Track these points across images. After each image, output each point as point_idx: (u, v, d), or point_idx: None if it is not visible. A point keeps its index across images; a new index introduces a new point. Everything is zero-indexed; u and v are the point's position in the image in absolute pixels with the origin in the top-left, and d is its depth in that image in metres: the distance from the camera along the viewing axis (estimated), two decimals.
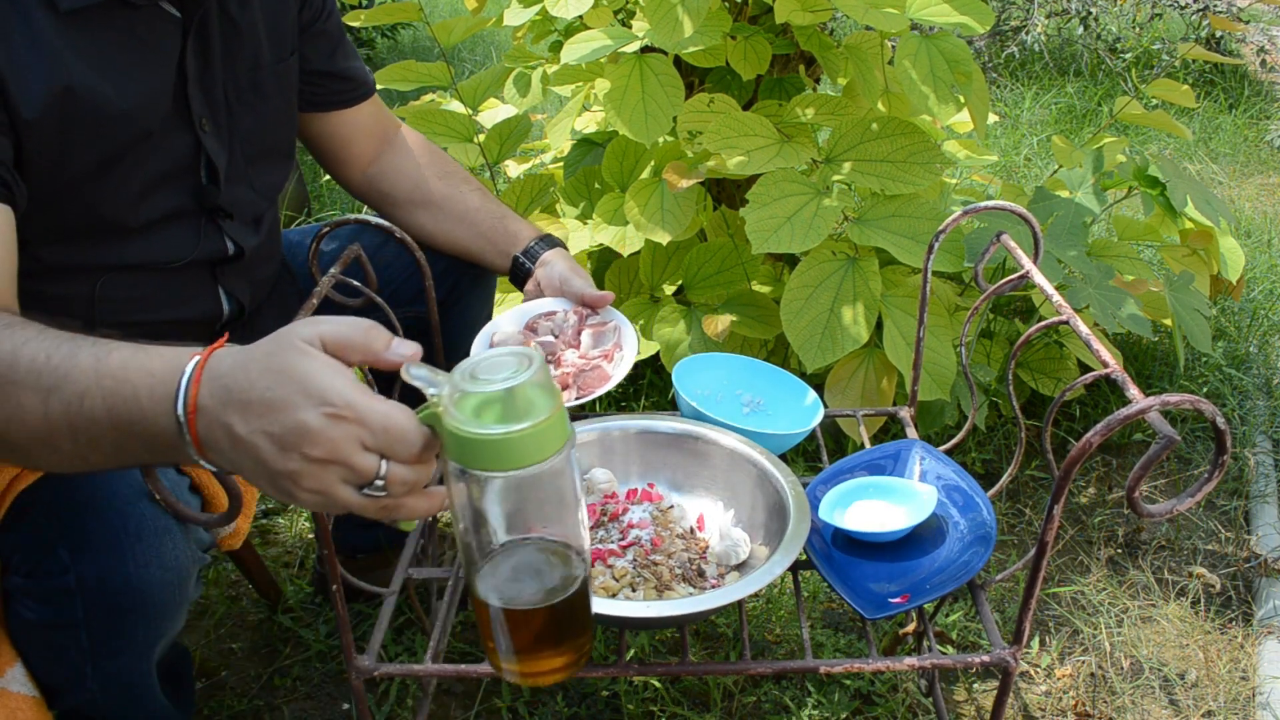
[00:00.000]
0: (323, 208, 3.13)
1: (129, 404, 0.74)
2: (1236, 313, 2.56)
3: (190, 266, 1.20)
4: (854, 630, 1.63)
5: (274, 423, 0.69)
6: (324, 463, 0.70)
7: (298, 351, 0.70)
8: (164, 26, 1.09)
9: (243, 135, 1.21)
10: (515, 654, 0.81)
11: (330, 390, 0.69)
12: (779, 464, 1.20)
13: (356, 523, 1.64)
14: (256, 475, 0.72)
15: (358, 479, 0.71)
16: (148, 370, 0.75)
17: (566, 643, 0.83)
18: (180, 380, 0.73)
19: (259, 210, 1.28)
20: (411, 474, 0.72)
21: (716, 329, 1.86)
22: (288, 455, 0.69)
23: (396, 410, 0.71)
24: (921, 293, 1.33)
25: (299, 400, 0.69)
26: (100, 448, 0.77)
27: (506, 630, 0.79)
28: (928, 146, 1.83)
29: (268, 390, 0.69)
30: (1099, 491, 2.00)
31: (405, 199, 1.41)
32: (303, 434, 0.69)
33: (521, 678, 0.83)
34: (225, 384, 0.71)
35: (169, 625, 1.00)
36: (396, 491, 0.72)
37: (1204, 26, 4.53)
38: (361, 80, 1.40)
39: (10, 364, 0.78)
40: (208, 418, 0.71)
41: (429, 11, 4.64)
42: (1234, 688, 1.56)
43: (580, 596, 0.81)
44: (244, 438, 0.70)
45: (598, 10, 1.94)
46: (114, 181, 1.08)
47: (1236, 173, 3.68)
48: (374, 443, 0.70)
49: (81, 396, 0.76)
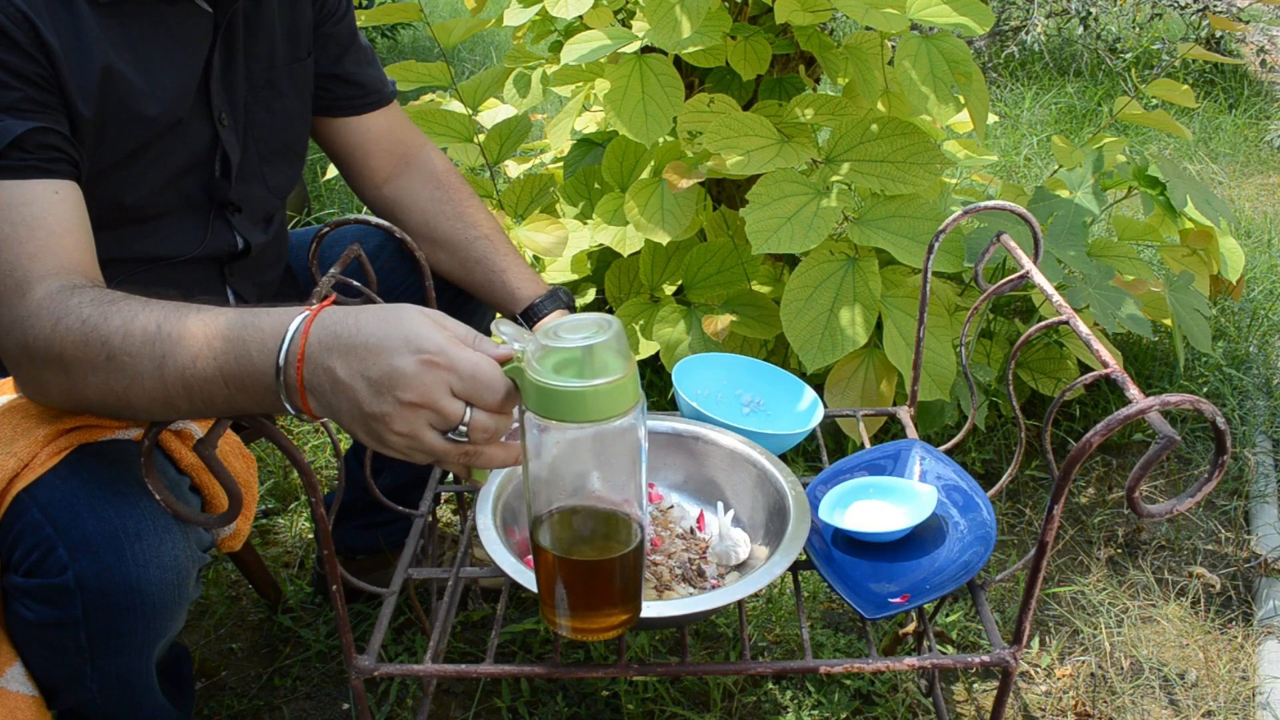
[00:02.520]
0: (322, 207, 3.13)
1: (240, 361, 0.82)
2: (1236, 313, 2.56)
3: (199, 263, 1.21)
4: (854, 630, 1.63)
5: (372, 366, 0.76)
6: (414, 406, 0.76)
7: (407, 309, 0.79)
8: (196, 20, 1.11)
9: (257, 132, 1.22)
10: (570, 608, 0.87)
11: (426, 339, 0.76)
12: (779, 464, 1.20)
13: (356, 524, 1.64)
14: (351, 418, 0.78)
15: (444, 423, 0.78)
16: (257, 327, 0.82)
17: (620, 602, 0.88)
18: (288, 331, 0.80)
19: (270, 208, 1.28)
20: (493, 422, 0.79)
21: (716, 329, 1.86)
22: (382, 398, 0.76)
23: (484, 360, 0.78)
24: (921, 293, 1.33)
25: (398, 345, 0.76)
26: (214, 403, 0.85)
27: (564, 583, 0.85)
28: (928, 147, 1.83)
29: (371, 336, 0.77)
30: (1099, 491, 2.00)
31: (414, 232, 1.38)
32: (397, 377, 0.76)
33: (574, 632, 0.89)
34: (334, 330, 0.79)
35: (168, 625, 1.00)
36: (478, 438, 0.79)
37: (1204, 26, 4.53)
38: (374, 89, 1.38)
39: (124, 336, 0.85)
40: (313, 363, 0.79)
41: (429, 11, 4.64)
42: (1234, 688, 1.56)
43: (636, 556, 0.86)
44: (344, 380, 0.77)
45: (598, 10, 1.94)
46: (140, 170, 1.09)
47: (1236, 173, 3.68)
48: (461, 389, 0.77)
49: (194, 359, 0.83)
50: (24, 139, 0.94)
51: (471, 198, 1.42)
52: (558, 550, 0.84)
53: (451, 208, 1.39)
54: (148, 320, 0.85)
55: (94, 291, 0.90)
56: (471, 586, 1.65)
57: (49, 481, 0.93)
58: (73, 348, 0.86)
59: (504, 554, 1.04)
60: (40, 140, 0.95)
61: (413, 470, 1.54)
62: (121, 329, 0.85)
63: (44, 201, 0.95)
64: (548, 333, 0.77)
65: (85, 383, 0.87)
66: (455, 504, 1.87)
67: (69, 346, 0.86)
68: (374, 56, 1.40)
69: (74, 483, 0.94)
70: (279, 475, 1.99)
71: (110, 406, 0.88)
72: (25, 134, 0.94)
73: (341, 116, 1.37)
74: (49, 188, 0.95)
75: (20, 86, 0.95)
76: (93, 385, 0.87)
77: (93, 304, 0.88)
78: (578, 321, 0.78)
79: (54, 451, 0.95)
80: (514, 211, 2.08)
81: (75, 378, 0.87)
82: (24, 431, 0.95)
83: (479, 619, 1.65)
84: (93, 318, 0.87)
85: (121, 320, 0.86)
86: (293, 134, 1.29)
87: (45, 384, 0.90)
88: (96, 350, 0.86)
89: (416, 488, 1.39)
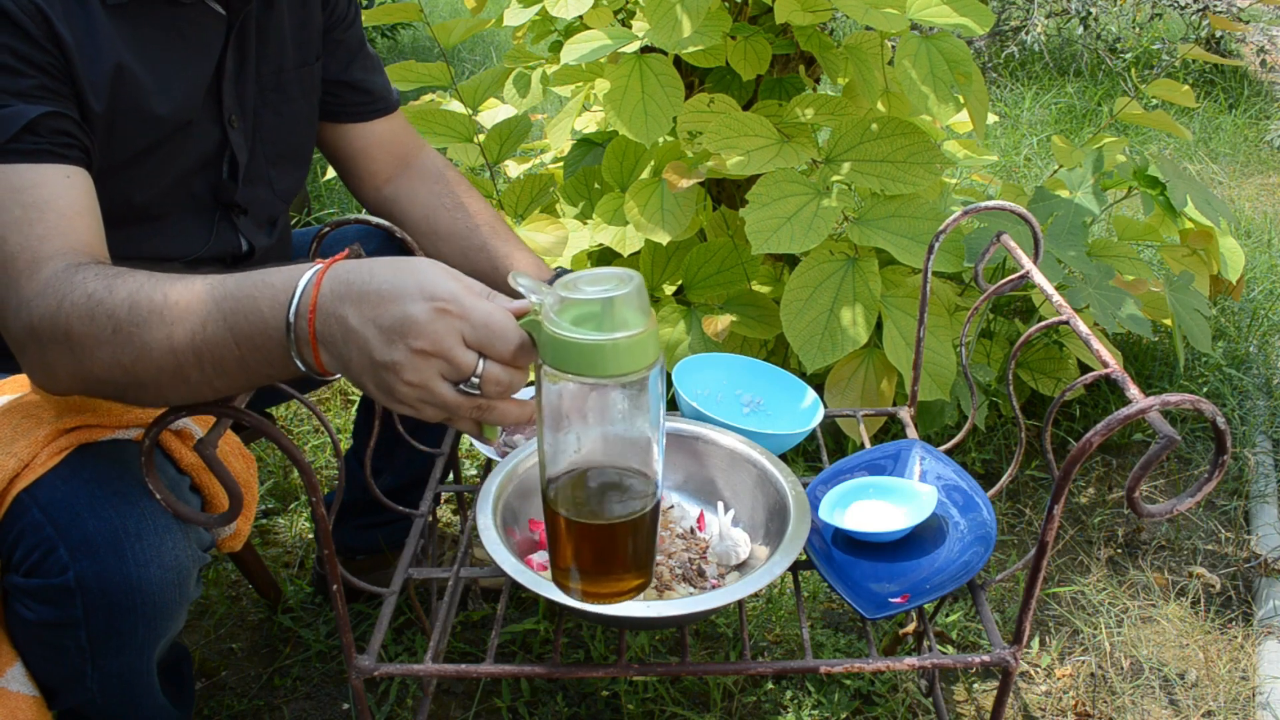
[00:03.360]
0: (322, 207, 3.13)
1: (250, 318, 0.80)
2: (1236, 313, 2.56)
3: (203, 264, 1.21)
4: (854, 630, 1.63)
5: (384, 314, 0.75)
6: (426, 355, 0.75)
7: (423, 260, 0.78)
8: (209, 22, 1.11)
9: (265, 135, 1.22)
10: (581, 571, 0.85)
11: (440, 286, 0.75)
12: (779, 464, 1.20)
13: (356, 524, 1.64)
14: (362, 368, 0.77)
15: (456, 374, 0.76)
16: (268, 283, 0.80)
17: (632, 567, 0.86)
18: (299, 282, 0.79)
19: (275, 211, 1.28)
20: (506, 375, 0.77)
21: (716, 329, 1.86)
22: (393, 346, 0.75)
23: (498, 309, 0.76)
24: (921, 293, 1.33)
25: (411, 292, 0.75)
26: (226, 369, 0.83)
27: (576, 545, 0.84)
28: (927, 147, 1.83)
29: (385, 282, 0.76)
30: (1099, 491, 2.00)
31: (414, 228, 1.39)
32: (409, 325, 0.74)
33: (586, 596, 0.86)
34: (347, 278, 0.77)
35: (169, 625, 1.00)
36: (491, 391, 0.77)
37: (1204, 26, 4.53)
38: (380, 96, 1.38)
39: (131, 308, 0.84)
40: (325, 313, 0.77)
41: (429, 11, 4.64)
42: (1234, 688, 1.56)
43: (650, 520, 0.84)
44: (355, 328, 0.76)
45: (598, 10, 1.94)
46: (149, 169, 1.09)
47: (1236, 173, 3.68)
48: (474, 338, 0.75)
49: (204, 323, 0.82)
50: (37, 123, 0.94)
51: (470, 190, 1.42)
52: (571, 513, 0.82)
53: (451, 199, 1.40)
54: (154, 290, 0.84)
55: (97, 267, 0.89)
56: (471, 586, 1.65)
57: (49, 482, 0.93)
58: (79, 323, 0.85)
59: (504, 554, 1.04)
60: (53, 125, 0.95)
61: (413, 470, 1.55)
62: (128, 300, 0.84)
63: (55, 185, 0.94)
64: (567, 284, 0.75)
65: (92, 358, 0.85)
66: (455, 504, 1.87)
67: (75, 322, 0.85)
68: (380, 64, 1.40)
69: (74, 483, 0.94)
70: (279, 475, 1.99)
71: (118, 383, 0.86)
72: (38, 118, 0.94)
73: (349, 122, 1.37)
74: (60, 172, 0.95)
75: (33, 74, 0.94)
76: (100, 360, 0.85)
77: (97, 278, 0.87)
78: (597, 275, 0.76)
79: (54, 452, 0.95)
80: (514, 211, 2.08)
81: (82, 354, 0.85)
82: (24, 432, 0.95)
83: (479, 619, 1.65)
84: (98, 291, 0.85)
85: (128, 292, 0.84)
86: (299, 138, 1.29)
87: (52, 365, 0.88)
88: (103, 323, 0.84)
89: (416, 488, 1.39)
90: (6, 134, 0.92)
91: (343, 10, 1.31)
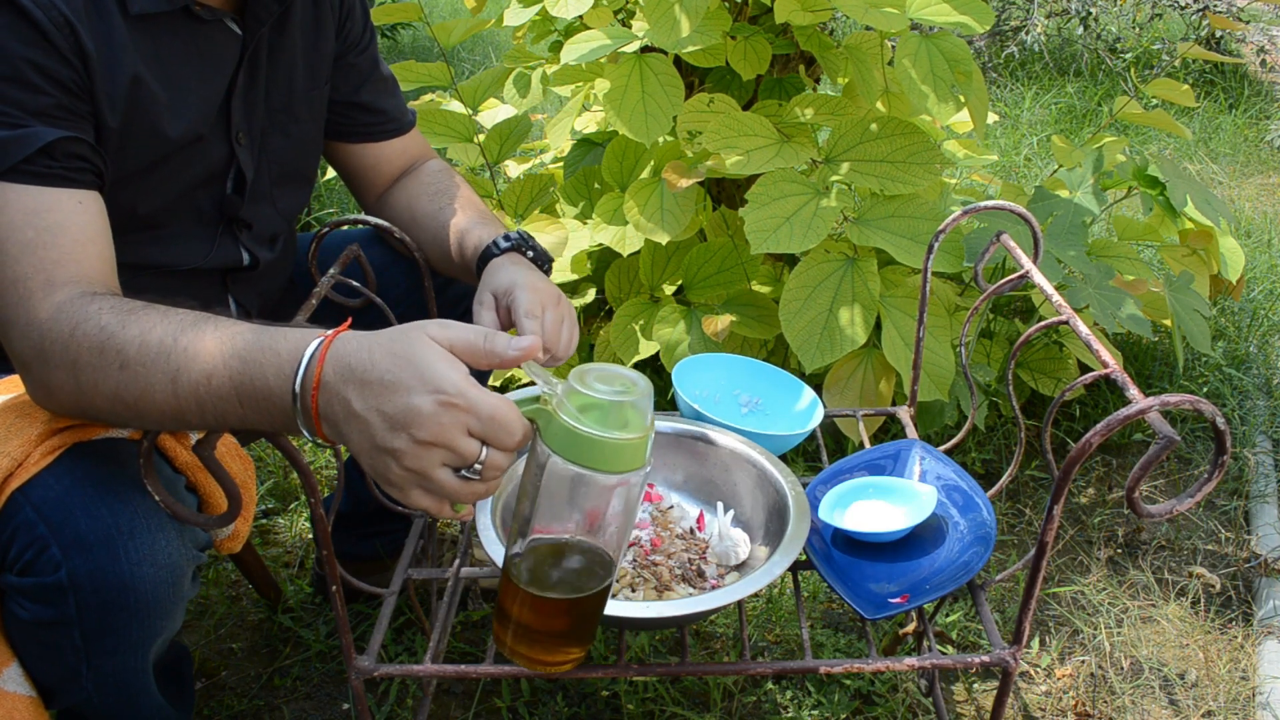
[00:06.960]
0: (322, 207, 3.13)
1: (255, 383, 0.82)
2: (1236, 313, 2.56)
3: (202, 273, 1.21)
4: (854, 630, 1.63)
5: (389, 403, 0.76)
6: (428, 445, 0.76)
7: (421, 343, 0.78)
8: (225, 40, 1.12)
9: (271, 155, 1.23)
10: (529, 639, 0.89)
11: (445, 380, 0.76)
12: (779, 464, 1.19)
13: (356, 533, 1.64)
14: (361, 448, 0.79)
15: (459, 461, 0.78)
16: (274, 351, 0.82)
17: (577, 641, 0.91)
18: (303, 358, 0.80)
19: (277, 229, 1.29)
20: (505, 460, 0.80)
21: (716, 329, 1.86)
22: (396, 434, 0.76)
23: (503, 402, 0.78)
24: (921, 293, 1.33)
25: (415, 385, 0.76)
26: (227, 420, 0.85)
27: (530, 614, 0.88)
28: (927, 146, 1.83)
29: (387, 373, 0.77)
30: (1099, 491, 1.99)
31: (398, 220, 1.37)
32: (413, 417, 0.76)
33: (525, 660, 0.91)
34: (349, 362, 0.78)
35: (164, 624, 1.00)
36: (489, 476, 0.80)
37: (1204, 26, 4.53)
38: (393, 117, 1.37)
39: (140, 347, 0.85)
40: (329, 392, 0.79)
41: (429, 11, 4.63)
42: (1234, 688, 1.55)
43: (599, 601, 0.89)
44: (359, 413, 0.77)
45: (598, 10, 1.94)
46: (156, 182, 1.10)
47: (1236, 173, 3.68)
48: (480, 430, 0.77)
49: (209, 376, 0.83)
50: (53, 147, 0.94)
51: (452, 178, 1.38)
52: (531, 585, 0.86)
53: (432, 187, 1.38)
54: (164, 332, 0.86)
55: (113, 299, 0.90)
56: (471, 586, 1.65)
57: (42, 480, 0.93)
58: (88, 354, 0.87)
59: (503, 554, 1.03)
60: (68, 149, 0.95)
61: None
62: (138, 339, 0.86)
63: (67, 210, 0.95)
64: (579, 376, 0.79)
65: (96, 390, 0.87)
66: None
67: (84, 352, 0.87)
68: (396, 87, 1.40)
69: (67, 481, 0.93)
70: (279, 475, 1.99)
71: (119, 415, 0.88)
72: (55, 142, 0.94)
73: (359, 142, 1.37)
74: (73, 197, 0.96)
75: (54, 93, 0.94)
76: (103, 393, 0.87)
77: (111, 311, 0.88)
78: (609, 373, 0.80)
79: (47, 450, 0.95)
80: (514, 211, 2.08)
81: (87, 384, 0.87)
82: (17, 431, 0.95)
83: (479, 619, 1.64)
84: (110, 325, 0.87)
85: (139, 330, 0.86)
86: (305, 160, 1.29)
87: (54, 387, 0.90)
88: (111, 358, 0.86)
89: None
90: (23, 155, 0.92)
91: (357, 35, 1.31)
